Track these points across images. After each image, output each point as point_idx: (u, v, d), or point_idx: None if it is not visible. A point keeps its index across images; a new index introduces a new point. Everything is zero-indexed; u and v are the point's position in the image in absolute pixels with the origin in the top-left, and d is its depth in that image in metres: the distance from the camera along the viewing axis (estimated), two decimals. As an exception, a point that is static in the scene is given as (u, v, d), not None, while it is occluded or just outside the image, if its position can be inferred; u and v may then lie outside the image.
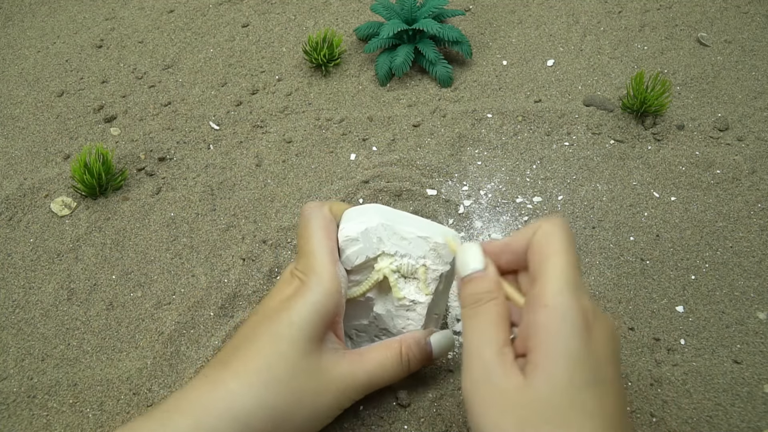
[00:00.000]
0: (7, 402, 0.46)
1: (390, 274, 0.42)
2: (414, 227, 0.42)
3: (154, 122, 0.66)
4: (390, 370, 0.41)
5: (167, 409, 0.36)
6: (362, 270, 0.43)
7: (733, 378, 0.47)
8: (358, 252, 0.41)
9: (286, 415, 0.37)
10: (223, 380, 0.37)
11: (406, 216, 0.43)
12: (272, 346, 0.37)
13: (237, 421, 0.35)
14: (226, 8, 0.80)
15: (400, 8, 0.70)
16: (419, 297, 0.42)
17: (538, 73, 0.70)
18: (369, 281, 0.42)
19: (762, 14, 0.77)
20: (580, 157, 0.62)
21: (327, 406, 0.39)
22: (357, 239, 0.41)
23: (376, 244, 0.41)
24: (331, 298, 0.39)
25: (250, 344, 0.38)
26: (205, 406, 0.35)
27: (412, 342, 0.41)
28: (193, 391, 0.36)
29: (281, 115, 0.67)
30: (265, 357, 0.37)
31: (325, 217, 0.42)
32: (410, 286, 0.42)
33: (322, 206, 0.43)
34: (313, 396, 0.38)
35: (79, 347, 0.49)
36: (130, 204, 0.59)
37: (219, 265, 0.54)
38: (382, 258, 0.42)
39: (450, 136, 0.63)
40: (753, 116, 0.65)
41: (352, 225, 0.42)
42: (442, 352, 0.43)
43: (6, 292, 0.53)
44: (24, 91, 0.70)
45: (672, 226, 0.56)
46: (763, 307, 0.51)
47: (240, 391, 0.36)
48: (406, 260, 0.42)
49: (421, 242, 0.41)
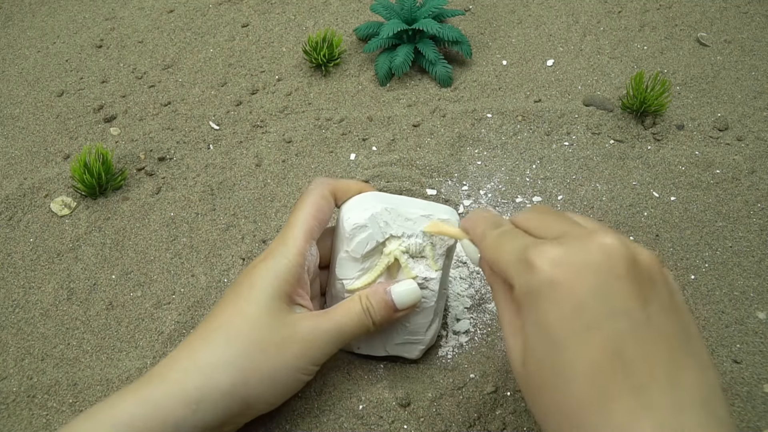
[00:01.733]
0: (6, 402, 0.46)
1: (400, 256, 0.42)
2: (416, 207, 0.43)
3: (154, 122, 0.66)
4: (355, 320, 0.41)
5: (146, 376, 0.38)
6: (371, 257, 0.43)
7: (732, 378, 0.47)
8: (368, 238, 0.42)
9: (252, 364, 0.38)
10: (189, 340, 0.39)
11: (404, 198, 0.44)
12: (233, 305, 0.39)
13: (202, 373, 0.37)
14: (226, 8, 0.80)
15: (400, 8, 0.70)
16: (430, 273, 0.43)
17: (537, 73, 0.70)
18: (380, 266, 0.43)
19: (762, 14, 0.77)
20: (579, 156, 0.62)
21: (294, 355, 0.39)
22: (366, 225, 0.42)
23: (383, 228, 0.42)
24: (293, 269, 0.40)
25: (215, 307, 0.41)
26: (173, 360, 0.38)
27: (370, 293, 0.42)
28: (167, 357, 0.39)
29: (281, 115, 0.67)
30: (227, 315, 0.39)
31: (323, 196, 0.43)
32: (420, 264, 0.43)
33: (325, 185, 0.44)
34: (278, 347, 0.38)
35: (78, 347, 0.49)
36: (130, 204, 0.59)
37: (219, 265, 0.54)
38: (391, 241, 0.43)
39: (450, 136, 0.63)
40: (753, 116, 0.65)
41: (357, 213, 0.42)
42: (406, 301, 0.42)
43: (6, 292, 0.53)
44: (24, 91, 0.70)
45: (671, 225, 0.56)
46: (762, 307, 0.51)
47: (203, 346, 0.38)
48: (414, 240, 0.43)
49: (425, 221, 0.43)
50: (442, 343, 0.49)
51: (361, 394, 0.46)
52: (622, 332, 0.28)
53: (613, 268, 0.29)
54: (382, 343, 0.46)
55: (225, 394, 0.37)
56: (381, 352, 0.46)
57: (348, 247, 0.42)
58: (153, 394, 0.36)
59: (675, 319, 0.30)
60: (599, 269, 0.29)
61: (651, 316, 0.29)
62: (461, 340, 0.49)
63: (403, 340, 0.45)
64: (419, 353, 0.46)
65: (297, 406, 0.45)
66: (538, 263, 0.30)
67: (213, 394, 0.36)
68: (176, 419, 0.35)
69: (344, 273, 0.43)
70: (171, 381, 0.37)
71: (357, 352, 0.47)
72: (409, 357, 0.46)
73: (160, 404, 0.35)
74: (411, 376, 0.47)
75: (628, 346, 0.28)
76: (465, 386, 0.46)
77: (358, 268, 0.43)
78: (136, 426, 0.35)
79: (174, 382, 0.36)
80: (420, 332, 0.45)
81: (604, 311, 0.29)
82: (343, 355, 0.48)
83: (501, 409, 0.45)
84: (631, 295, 0.29)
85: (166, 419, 0.35)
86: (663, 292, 0.30)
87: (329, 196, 0.43)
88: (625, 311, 0.28)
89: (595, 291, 0.29)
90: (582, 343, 0.28)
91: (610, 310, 0.29)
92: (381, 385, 0.46)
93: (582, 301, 0.29)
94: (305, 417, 0.45)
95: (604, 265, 0.29)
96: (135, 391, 0.36)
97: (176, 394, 0.36)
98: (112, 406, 0.36)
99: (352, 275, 0.43)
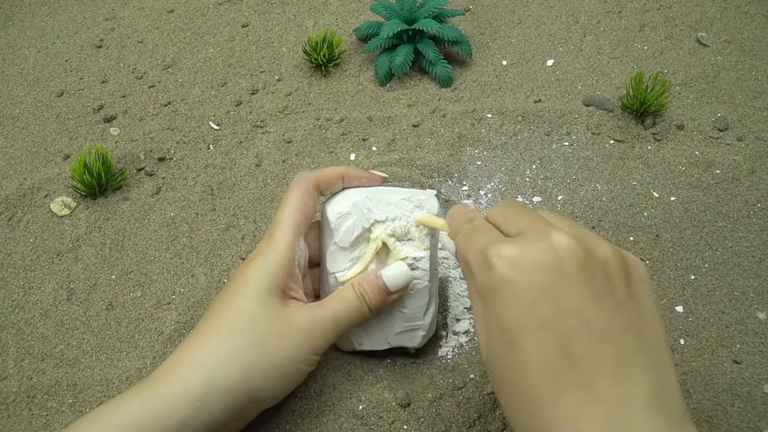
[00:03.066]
0: (6, 402, 0.46)
1: (387, 239, 0.43)
2: (394, 193, 0.45)
3: (154, 122, 0.66)
4: (350, 306, 0.42)
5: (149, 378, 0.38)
6: (359, 245, 0.44)
7: (732, 378, 0.47)
8: (353, 225, 0.43)
9: (254, 358, 0.38)
10: (189, 340, 0.39)
11: (381, 188, 0.46)
12: (229, 303, 0.40)
13: (205, 370, 0.37)
14: (226, 8, 0.80)
15: (400, 8, 0.70)
16: (419, 253, 0.44)
17: (537, 73, 0.70)
18: (369, 252, 0.44)
19: (762, 14, 0.77)
20: (579, 157, 0.62)
21: (294, 346, 0.39)
22: (349, 213, 0.43)
23: (366, 214, 0.43)
24: (284, 264, 0.41)
25: (211, 306, 0.41)
26: (174, 361, 0.38)
27: (362, 279, 0.43)
28: (168, 358, 0.39)
29: (281, 115, 0.67)
30: (224, 312, 0.40)
31: (307, 190, 0.44)
32: (407, 246, 0.44)
33: (306, 179, 0.44)
34: (277, 339, 0.39)
35: (78, 347, 0.49)
36: (130, 204, 0.59)
37: (219, 265, 0.54)
38: (376, 226, 0.44)
39: (450, 136, 0.63)
40: (753, 116, 0.65)
41: (340, 204, 0.44)
42: (398, 282, 0.43)
43: (6, 292, 0.53)
44: (24, 91, 0.70)
45: (672, 226, 0.56)
46: (762, 307, 0.51)
47: (203, 344, 0.38)
48: (398, 223, 0.44)
49: (405, 203, 0.44)
50: (442, 343, 0.49)
51: (361, 394, 0.46)
52: (571, 330, 0.29)
53: (563, 268, 0.30)
54: (383, 335, 0.46)
55: (229, 389, 0.37)
56: (383, 345, 0.46)
57: (335, 237, 0.43)
58: (157, 395, 0.36)
59: (630, 314, 0.30)
60: (550, 268, 0.30)
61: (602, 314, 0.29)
62: (461, 340, 0.49)
63: (403, 328, 0.45)
64: (421, 340, 0.46)
65: (297, 407, 0.45)
66: (494, 261, 0.31)
67: (217, 390, 0.36)
68: (182, 418, 0.35)
69: (335, 266, 0.44)
70: (174, 381, 0.37)
71: (359, 349, 0.47)
72: (411, 346, 0.46)
73: (165, 404, 0.35)
74: (411, 376, 0.47)
75: (577, 343, 0.29)
76: (465, 386, 0.46)
77: (348, 258, 0.44)
78: (142, 427, 0.35)
79: (177, 382, 0.37)
80: (418, 317, 0.45)
81: (554, 310, 0.29)
82: (343, 356, 0.48)
83: (501, 409, 0.45)
84: (582, 294, 0.29)
85: (171, 418, 0.35)
86: (619, 287, 0.30)
87: (312, 189, 0.44)
88: (575, 310, 0.29)
89: (545, 290, 0.29)
90: (534, 341, 0.29)
91: (559, 309, 0.29)
92: (381, 385, 0.46)
93: (533, 300, 0.29)
94: (305, 417, 0.45)
95: (555, 264, 0.30)
96: (139, 392, 0.36)
97: (180, 393, 0.36)
98: (117, 407, 0.36)
99: (343, 267, 0.44)
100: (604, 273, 0.30)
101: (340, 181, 0.45)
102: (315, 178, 0.44)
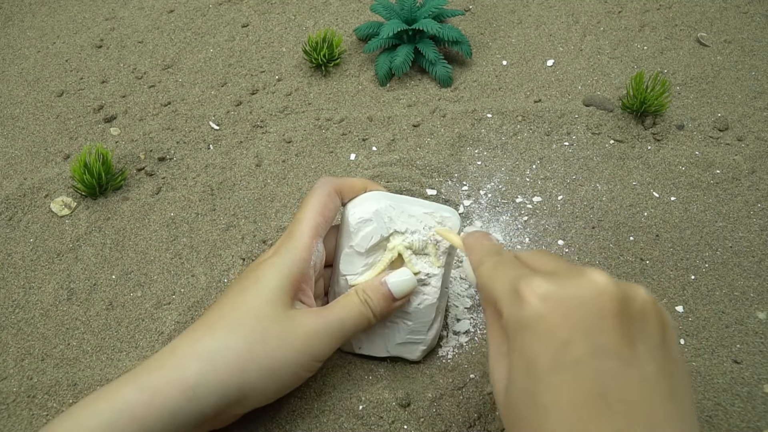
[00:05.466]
0: (6, 402, 0.46)
1: (404, 251, 0.43)
2: (419, 205, 0.44)
3: (154, 122, 0.66)
4: (355, 312, 0.42)
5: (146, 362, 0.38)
6: (375, 252, 0.44)
7: (732, 378, 0.47)
8: (372, 232, 0.43)
9: (251, 355, 0.38)
10: (192, 329, 0.39)
11: (407, 198, 0.45)
12: (238, 297, 0.40)
13: (201, 359, 0.37)
14: (226, 8, 0.80)
15: (400, 8, 0.70)
16: (433, 270, 0.44)
17: (537, 73, 0.70)
18: (383, 261, 0.43)
19: (762, 14, 0.77)
20: (579, 157, 0.62)
21: (294, 350, 0.39)
22: (370, 219, 0.43)
23: (387, 223, 0.43)
24: (299, 265, 0.41)
25: (220, 298, 0.41)
26: (173, 347, 0.38)
27: (366, 286, 0.43)
28: (168, 345, 0.39)
29: (281, 115, 0.67)
30: (230, 306, 0.40)
31: (329, 194, 0.44)
32: (422, 261, 0.44)
33: (330, 183, 0.44)
34: (279, 340, 0.39)
35: (78, 347, 0.49)
36: (130, 204, 0.59)
37: (219, 265, 0.54)
38: (394, 236, 0.43)
39: (450, 136, 0.63)
40: (753, 116, 0.65)
41: (362, 208, 0.43)
42: (403, 289, 0.43)
43: (6, 292, 0.53)
44: (24, 91, 0.70)
45: (672, 226, 0.56)
46: (762, 307, 0.51)
47: (205, 334, 0.38)
48: (417, 237, 0.44)
49: (427, 218, 0.44)
50: (442, 343, 0.49)
51: (361, 394, 0.46)
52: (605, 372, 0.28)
53: (602, 307, 0.29)
54: (384, 343, 0.46)
55: (221, 382, 0.37)
56: (382, 352, 0.46)
57: (353, 241, 0.43)
58: (151, 380, 0.36)
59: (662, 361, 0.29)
60: (588, 306, 0.29)
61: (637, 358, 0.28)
62: (461, 340, 0.49)
63: (405, 340, 0.45)
64: (420, 354, 0.46)
65: (297, 406, 0.45)
66: (527, 296, 0.30)
67: (210, 380, 0.36)
68: (173, 407, 0.35)
69: (348, 268, 0.44)
70: (169, 367, 0.37)
71: (359, 352, 0.47)
72: (410, 358, 0.47)
73: (158, 390, 0.36)
74: (411, 376, 0.47)
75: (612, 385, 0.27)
76: (465, 386, 0.46)
77: (362, 263, 0.44)
78: (135, 413, 0.35)
79: (172, 368, 0.37)
80: (422, 331, 0.45)
81: (590, 349, 0.28)
82: (343, 356, 0.48)
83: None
84: (619, 335, 0.28)
85: (163, 406, 0.35)
86: (654, 333, 0.29)
87: (335, 194, 0.44)
88: (611, 351, 0.28)
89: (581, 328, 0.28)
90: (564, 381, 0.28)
91: (595, 349, 0.28)
92: (381, 385, 0.46)
93: (568, 337, 0.28)
94: (305, 417, 0.45)
95: (593, 302, 0.29)
96: (134, 377, 0.36)
97: (174, 380, 0.36)
98: (111, 393, 0.36)
99: (356, 270, 0.44)
100: (641, 316, 0.29)
101: (362, 193, 0.46)
102: (339, 184, 0.44)
